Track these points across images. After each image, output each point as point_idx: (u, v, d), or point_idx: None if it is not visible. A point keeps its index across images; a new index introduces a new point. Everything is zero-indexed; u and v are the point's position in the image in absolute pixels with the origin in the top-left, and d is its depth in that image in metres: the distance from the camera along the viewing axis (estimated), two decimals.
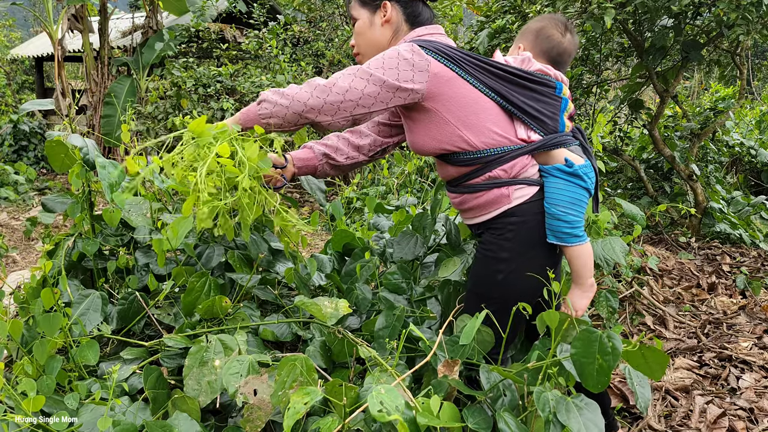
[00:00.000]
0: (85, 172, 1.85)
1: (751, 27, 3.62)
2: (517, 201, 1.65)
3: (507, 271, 1.65)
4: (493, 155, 1.63)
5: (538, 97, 1.66)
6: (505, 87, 1.63)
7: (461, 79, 1.61)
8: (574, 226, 1.63)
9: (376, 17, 1.76)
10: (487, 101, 1.63)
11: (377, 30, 1.77)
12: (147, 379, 1.50)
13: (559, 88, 1.69)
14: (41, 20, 8.14)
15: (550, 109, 1.67)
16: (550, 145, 1.66)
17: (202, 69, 6.68)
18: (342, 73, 1.63)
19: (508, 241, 1.65)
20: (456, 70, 1.61)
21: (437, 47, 1.62)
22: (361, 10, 1.78)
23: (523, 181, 1.65)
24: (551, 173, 1.66)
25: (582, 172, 1.65)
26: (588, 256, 1.69)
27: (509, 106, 1.63)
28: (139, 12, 11.49)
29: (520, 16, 4.34)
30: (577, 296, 1.72)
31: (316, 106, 1.60)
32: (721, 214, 4.76)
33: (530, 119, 1.64)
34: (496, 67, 1.64)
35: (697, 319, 3.43)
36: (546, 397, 1.31)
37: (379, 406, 1.16)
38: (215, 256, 1.94)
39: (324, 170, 1.98)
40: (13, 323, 1.55)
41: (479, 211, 1.71)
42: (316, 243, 5.09)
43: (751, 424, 2.36)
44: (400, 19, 1.76)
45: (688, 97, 9.50)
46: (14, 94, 11.36)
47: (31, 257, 4.71)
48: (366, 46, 1.80)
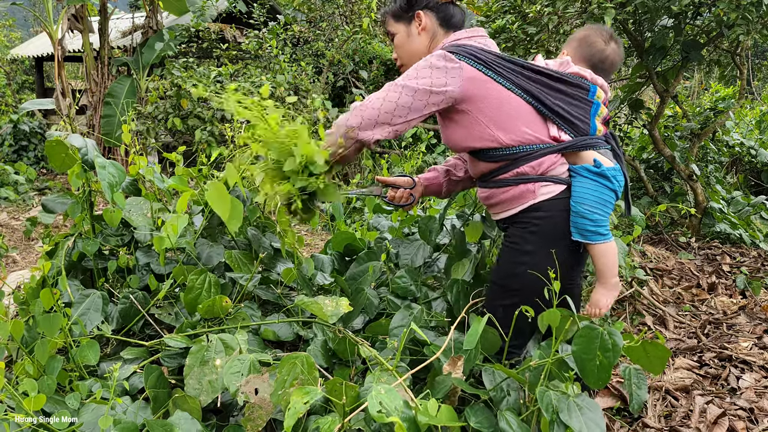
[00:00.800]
0: (85, 172, 1.85)
1: (751, 27, 3.62)
2: (543, 197, 1.70)
3: (531, 263, 1.69)
4: (522, 152, 1.69)
5: (569, 100, 1.72)
6: (538, 88, 1.69)
7: (493, 81, 1.67)
8: (598, 224, 1.67)
9: (412, 28, 1.84)
10: (520, 102, 1.69)
11: (415, 39, 1.85)
12: (148, 378, 1.50)
13: (593, 91, 1.75)
14: (41, 20, 8.14)
15: (581, 111, 1.73)
16: (579, 146, 1.72)
17: (202, 69, 6.68)
18: (379, 91, 1.70)
19: (532, 235, 1.70)
20: (488, 73, 1.67)
21: (470, 51, 1.68)
22: (397, 24, 1.87)
23: (550, 178, 1.70)
24: (579, 173, 1.70)
25: (609, 174, 1.69)
26: (612, 255, 1.72)
27: (541, 107, 1.69)
28: (139, 12, 11.49)
29: (520, 16, 4.34)
30: (601, 294, 1.76)
31: (356, 123, 1.67)
32: (721, 214, 4.76)
33: (561, 120, 1.70)
34: (530, 68, 1.70)
35: (697, 319, 3.43)
36: (549, 397, 1.31)
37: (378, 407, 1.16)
38: (215, 256, 1.94)
39: (448, 187, 2.09)
40: (15, 323, 1.55)
41: (506, 206, 1.76)
42: (316, 243, 5.09)
43: (751, 424, 2.36)
44: (435, 24, 1.84)
45: (688, 97, 9.50)
46: (14, 94, 11.35)
47: (31, 257, 4.71)
48: (407, 56, 1.87)
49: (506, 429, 1.35)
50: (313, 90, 6.93)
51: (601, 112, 1.77)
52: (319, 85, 7.75)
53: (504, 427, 1.35)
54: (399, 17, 1.86)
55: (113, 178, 1.76)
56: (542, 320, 1.43)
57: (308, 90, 6.83)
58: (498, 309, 1.74)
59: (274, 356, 1.60)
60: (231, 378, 1.39)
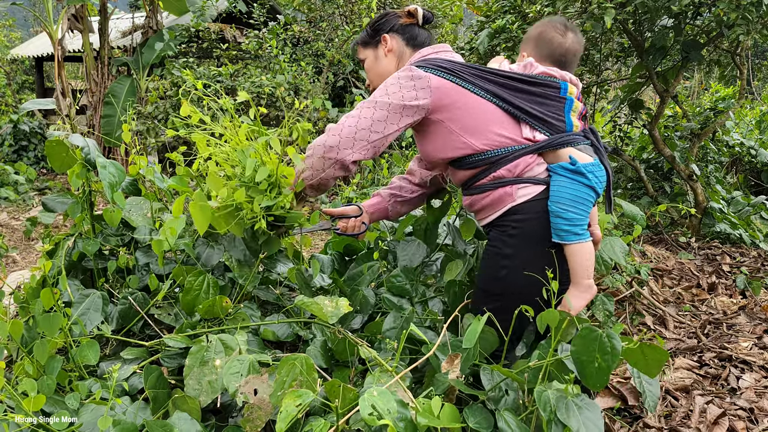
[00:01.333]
0: (85, 172, 1.85)
1: (751, 27, 3.62)
2: (521, 199, 1.69)
3: (510, 266, 1.69)
4: (497, 156, 1.70)
5: (541, 100, 1.71)
6: (507, 92, 1.70)
7: (461, 88, 1.70)
8: (573, 223, 1.64)
9: (379, 51, 1.92)
10: (489, 105, 1.70)
11: (383, 61, 1.92)
12: (147, 378, 1.50)
13: (564, 88, 1.73)
14: (41, 20, 8.14)
15: (555, 110, 1.72)
16: (555, 144, 1.70)
17: (202, 69, 6.68)
18: (353, 111, 1.74)
19: (511, 238, 1.69)
20: (455, 81, 1.70)
21: (435, 63, 1.73)
22: (366, 50, 1.96)
23: (528, 180, 1.69)
24: (556, 171, 1.68)
25: (586, 170, 1.66)
26: (586, 256, 1.68)
27: (512, 109, 1.70)
28: (139, 12, 11.49)
29: (520, 16, 4.34)
30: (573, 295, 1.71)
31: (334, 143, 1.69)
32: (721, 214, 4.76)
33: (535, 120, 1.70)
34: (497, 74, 1.72)
35: (697, 319, 3.43)
36: (547, 396, 1.31)
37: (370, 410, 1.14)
38: (215, 256, 1.94)
39: (395, 209, 2.13)
40: (14, 323, 1.55)
41: (487, 212, 1.76)
42: (316, 243, 5.09)
43: (751, 424, 2.36)
44: (401, 45, 1.91)
45: (688, 97, 9.50)
46: (14, 94, 11.36)
47: (31, 257, 4.71)
48: (377, 78, 1.93)
49: (505, 429, 1.35)
50: (313, 90, 6.93)
51: (576, 107, 1.74)
52: (319, 85, 7.75)
53: (503, 427, 1.35)
54: (366, 44, 1.95)
55: (114, 177, 1.76)
56: (541, 320, 1.43)
57: (308, 90, 6.83)
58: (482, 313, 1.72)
59: (274, 357, 1.60)
60: (230, 378, 1.39)
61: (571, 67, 1.83)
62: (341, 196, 5.55)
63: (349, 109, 6.72)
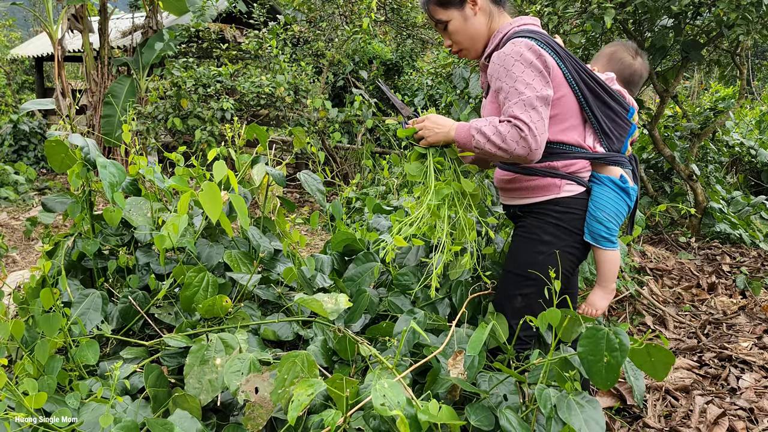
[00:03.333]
0: (85, 172, 1.85)
1: (751, 27, 3.62)
2: (565, 194, 1.76)
3: (547, 252, 1.77)
4: (559, 149, 1.75)
5: (612, 116, 1.79)
6: (593, 97, 1.75)
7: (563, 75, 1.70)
8: (611, 232, 1.78)
9: (466, 11, 1.78)
10: (574, 101, 1.73)
11: (473, 22, 1.79)
12: (148, 377, 1.50)
13: (632, 112, 1.83)
14: (41, 20, 8.14)
15: (620, 130, 1.81)
16: (611, 160, 1.79)
17: (202, 69, 6.68)
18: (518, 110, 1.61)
19: (551, 225, 1.77)
20: (561, 67, 1.70)
21: (546, 40, 1.69)
22: (448, 11, 1.79)
23: (575, 179, 1.77)
24: (605, 182, 1.79)
25: (631, 190, 1.81)
26: (616, 263, 1.82)
27: (590, 115, 1.75)
28: (139, 12, 11.50)
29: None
30: (599, 297, 1.86)
31: (526, 156, 1.63)
32: (721, 214, 4.76)
33: (602, 134, 1.78)
34: (591, 76, 1.75)
35: (697, 319, 3.43)
36: (548, 394, 1.31)
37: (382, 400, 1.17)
38: (215, 255, 1.94)
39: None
40: (15, 323, 1.55)
41: (527, 193, 1.80)
42: (316, 243, 5.09)
43: (751, 424, 2.36)
44: (488, 2, 1.80)
45: (688, 97, 9.50)
46: (14, 94, 11.35)
47: (31, 257, 4.71)
48: (468, 41, 1.82)
49: (507, 427, 1.35)
50: (313, 90, 6.92)
51: (635, 135, 1.87)
52: (319, 85, 7.75)
53: (505, 425, 1.35)
54: (448, 3, 1.79)
55: (114, 177, 1.76)
56: (543, 320, 1.43)
57: (308, 90, 6.83)
58: (516, 298, 1.80)
59: (274, 356, 1.60)
60: (231, 377, 1.39)
61: (635, 89, 1.98)
62: (341, 196, 5.56)
63: (349, 108, 6.71)
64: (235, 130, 2.30)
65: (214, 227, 2.06)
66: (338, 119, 6.63)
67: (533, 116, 1.60)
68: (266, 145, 2.17)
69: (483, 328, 1.48)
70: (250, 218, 2.14)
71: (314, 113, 6.67)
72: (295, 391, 1.21)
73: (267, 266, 2.06)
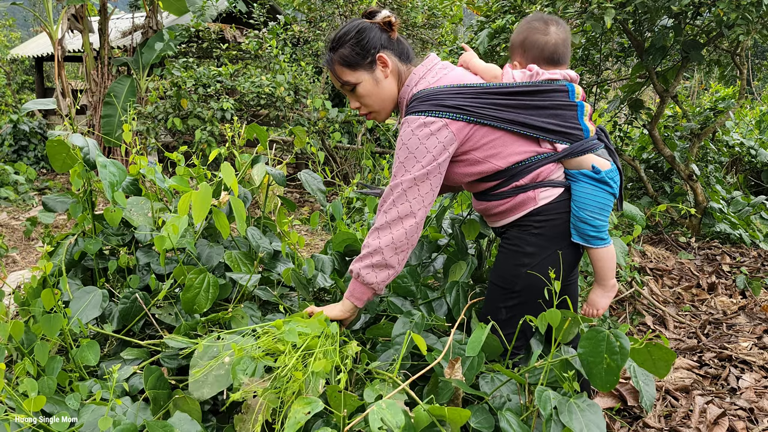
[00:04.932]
0: (86, 172, 1.85)
1: (751, 27, 3.62)
2: (543, 201, 1.69)
3: (531, 264, 1.70)
4: (519, 167, 1.68)
5: (554, 112, 1.66)
6: (521, 113, 1.63)
7: (477, 125, 1.62)
8: (599, 230, 1.69)
9: (377, 73, 1.71)
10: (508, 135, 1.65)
11: (384, 84, 1.72)
12: (147, 379, 1.50)
13: (572, 91, 1.68)
14: (41, 20, 8.14)
15: (570, 118, 1.68)
16: (576, 152, 1.69)
17: (202, 69, 6.68)
18: (393, 200, 1.61)
19: (533, 236, 1.70)
20: (470, 119, 1.60)
21: (443, 104, 1.60)
22: (356, 73, 1.70)
23: (548, 183, 1.69)
24: (579, 178, 1.70)
25: (608, 178, 1.69)
26: (611, 258, 1.75)
27: (529, 130, 1.64)
28: (139, 12, 11.50)
29: (520, 16, 4.34)
30: (599, 295, 1.80)
31: (402, 241, 1.61)
32: (721, 214, 4.76)
33: (553, 135, 1.67)
34: (505, 93, 1.64)
35: (697, 319, 3.43)
36: (547, 396, 1.31)
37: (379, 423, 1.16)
38: (215, 256, 1.94)
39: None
40: (15, 324, 1.55)
41: (505, 215, 1.75)
42: (316, 243, 5.09)
43: (751, 424, 2.36)
44: (396, 62, 1.72)
45: (688, 97, 9.50)
46: (14, 94, 11.35)
47: (31, 257, 4.71)
48: (378, 103, 1.75)
49: (507, 429, 1.35)
50: (313, 90, 6.92)
51: (586, 110, 1.72)
52: (319, 85, 7.75)
53: (505, 427, 1.35)
54: (356, 65, 1.69)
55: (114, 177, 1.76)
56: (542, 320, 1.43)
57: (308, 90, 6.83)
58: (501, 310, 1.75)
59: None
60: (239, 375, 1.38)
61: (564, 62, 1.79)
62: (341, 196, 5.56)
63: (349, 108, 6.71)
64: (235, 130, 2.30)
65: (214, 227, 2.06)
66: (338, 119, 6.63)
67: (408, 195, 1.59)
68: (266, 145, 2.17)
69: (481, 328, 1.47)
70: (251, 218, 2.14)
71: (314, 113, 6.67)
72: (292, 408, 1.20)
73: (267, 266, 2.06)
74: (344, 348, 1.49)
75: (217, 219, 1.78)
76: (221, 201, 2.01)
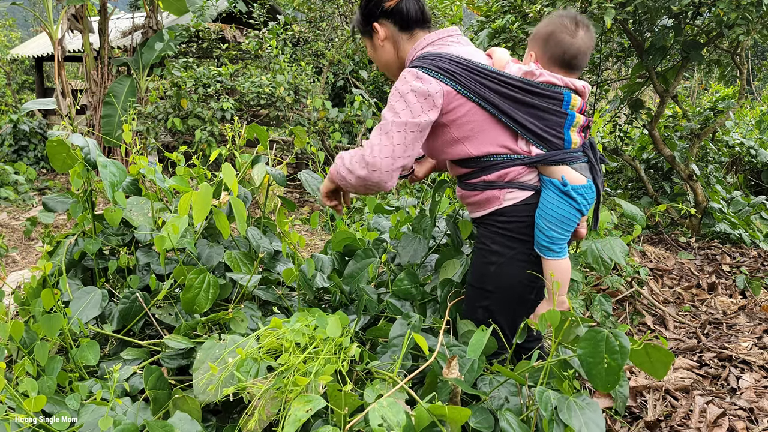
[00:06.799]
0: (86, 172, 1.85)
1: (751, 27, 3.62)
2: (507, 203, 1.71)
3: (498, 263, 1.73)
4: (490, 162, 1.70)
5: (540, 114, 1.66)
6: (508, 103, 1.65)
7: (463, 96, 1.64)
8: (553, 242, 1.66)
9: (374, 41, 1.84)
10: (489, 117, 1.66)
11: (381, 52, 1.85)
12: (148, 379, 1.50)
13: (567, 101, 1.66)
14: (41, 20, 8.14)
15: (554, 125, 1.67)
16: (550, 161, 1.67)
17: (202, 69, 6.68)
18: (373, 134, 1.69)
19: (498, 235, 1.73)
20: (457, 88, 1.64)
21: (438, 65, 1.64)
22: (364, 38, 1.90)
23: (517, 185, 1.70)
24: (547, 186, 1.68)
25: (576, 193, 1.65)
26: (562, 273, 1.69)
27: (510, 122, 1.65)
28: (139, 12, 11.49)
29: (520, 16, 4.34)
30: (543, 309, 1.73)
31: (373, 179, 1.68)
32: (721, 214, 4.76)
33: (532, 136, 1.66)
34: (500, 81, 1.65)
35: (697, 319, 3.43)
36: (548, 396, 1.31)
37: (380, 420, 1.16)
38: (215, 256, 1.94)
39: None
40: (15, 324, 1.55)
41: (475, 208, 1.79)
42: (316, 243, 5.09)
43: (751, 424, 2.36)
44: (394, 31, 1.80)
45: (688, 97, 9.50)
46: (14, 94, 11.35)
47: (31, 257, 4.71)
48: (381, 66, 1.91)
49: (506, 428, 1.35)
50: (313, 90, 6.92)
51: (577, 122, 1.68)
52: (319, 85, 7.75)
53: (504, 427, 1.35)
54: (362, 32, 1.88)
55: (115, 177, 1.76)
56: (542, 320, 1.43)
57: (308, 90, 6.83)
58: (477, 310, 1.78)
59: None
60: (243, 376, 1.38)
61: (580, 68, 1.74)
62: None
63: (349, 108, 6.71)
64: (235, 130, 2.30)
65: (214, 227, 2.06)
66: (338, 119, 6.63)
67: (382, 140, 1.64)
68: (266, 145, 2.17)
69: (482, 330, 1.47)
70: (251, 218, 2.14)
71: (314, 113, 6.67)
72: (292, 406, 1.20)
73: (267, 266, 2.07)
74: (344, 350, 1.50)
75: (217, 219, 1.78)
76: (221, 201, 2.01)
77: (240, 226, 1.75)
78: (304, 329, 1.42)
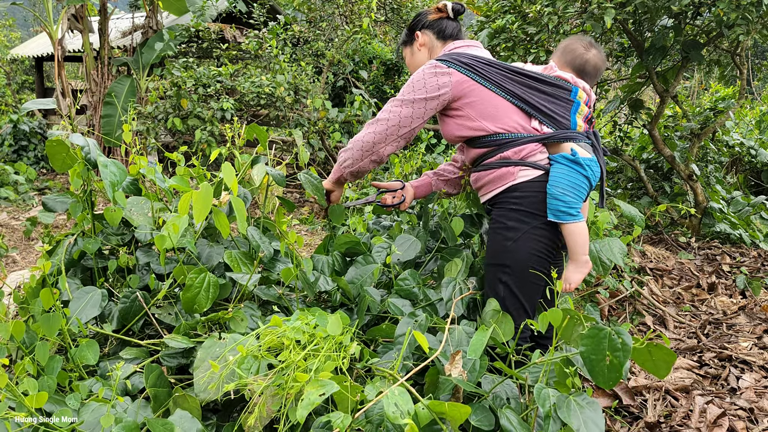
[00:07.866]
0: (86, 172, 1.85)
1: (751, 27, 3.62)
2: (521, 179, 1.89)
3: (514, 238, 1.88)
4: (506, 139, 1.92)
5: (551, 99, 1.94)
6: (521, 89, 1.93)
7: (480, 85, 1.92)
8: (570, 206, 1.83)
9: (414, 47, 2.19)
10: (504, 101, 1.93)
11: (417, 55, 2.19)
12: (148, 377, 1.50)
13: (575, 92, 1.96)
14: (41, 20, 8.14)
15: (562, 109, 1.95)
16: (559, 137, 1.91)
17: (202, 69, 6.68)
18: (385, 107, 2.00)
19: (512, 212, 1.90)
20: (475, 78, 1.92)
21: (458, 59, 1.94)
22: (405, 49, 2.24)
23: (529, 164, 1.90)
24: (557, 160, 1.89)
25: (584, 162, 1.86)
26: (582, 234, 1.87)
27: (524, 105, 1.92)
28: (139, 12, 11.50)
29: (520, 16, 4.34)
30: (571, 271, 1.92)
31: (371, 140, 1.98)
32: (721, 214, 4.76)
33: (543, 116, 1.92)
34: (514, 71, 1.95)
35: (697, 319, 3.43)
36: (546, 393, 1.31)
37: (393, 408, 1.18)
38: (215, 255, 1.94)
39: (438, 185, 2.39)
40: (16, 324, 1.55)
41: (490, 187, 1.97)
42: (316, 243, 5.09)
43: (751, 424, 2.36)
44: (432, 39, 2.15)
45: (688, 97, 9.50)
46: (14, 94, 11.36)
47: (31, 257, 4.71)
48: (414, 69, 2.17)
49: (507, 426, 1.35)
50: (313, 90, 6.92)
51: (582, 110, 1.96)
52: (319, 85, 7.75)
53: (505, 425, 1.35)
54: (405, 43, 2.22)
55: (115, 176, 1.76)
56: (543, 319, 1.43)
57: (308, 90, 6.83)
58: (498, 286, 1.91)
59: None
60: (243, 373, 1.39)
61: (590, 78, 2.06)
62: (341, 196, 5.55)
63: (349, 108, 6.72)
64: (235, 130, 2.30)
65: (214, 227, 2.06)
66: (338, 119, 6.63)
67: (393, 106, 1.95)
68: (266, 145, 2.17)
69: (484, 330, 1.47)
70: (251, 218, 2.14)
71: (314, 113, 6.67)
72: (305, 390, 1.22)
73: (267, 266, 2.06)
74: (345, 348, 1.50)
75: (217, 219, 1.78)
76: (221, 201, 2.01)
77: (240, 225, 1.75)
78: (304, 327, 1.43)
